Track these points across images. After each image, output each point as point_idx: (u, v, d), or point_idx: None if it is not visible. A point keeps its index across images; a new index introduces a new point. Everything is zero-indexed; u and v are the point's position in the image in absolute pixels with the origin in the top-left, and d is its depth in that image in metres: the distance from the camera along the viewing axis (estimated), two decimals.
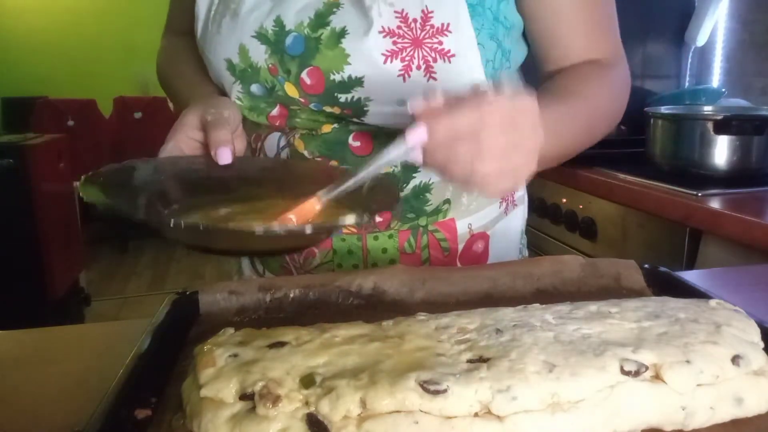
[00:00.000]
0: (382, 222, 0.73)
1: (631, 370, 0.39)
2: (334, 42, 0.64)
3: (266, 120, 0.73)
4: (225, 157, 0.60)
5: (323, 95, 0.67)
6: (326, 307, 0.58)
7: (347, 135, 0.70)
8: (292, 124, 0.72)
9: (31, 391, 0.50)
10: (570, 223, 1.55)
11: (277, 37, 0.66)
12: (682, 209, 1.19)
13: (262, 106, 0.72)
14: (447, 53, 0.64)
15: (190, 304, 0.57)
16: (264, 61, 0.68)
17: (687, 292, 0.56)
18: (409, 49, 0.63)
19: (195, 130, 0.63)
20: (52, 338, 0.63)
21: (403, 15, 0.63)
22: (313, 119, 0.70)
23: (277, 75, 0.68)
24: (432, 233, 0.75)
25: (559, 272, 0.62)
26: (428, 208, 0.73)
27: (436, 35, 0.63)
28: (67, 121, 3.89)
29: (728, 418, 0.41)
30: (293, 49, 0.66)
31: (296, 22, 0.65)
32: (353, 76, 0.64)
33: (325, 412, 0.36)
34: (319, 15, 0.65)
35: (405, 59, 0.63)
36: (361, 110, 0.67)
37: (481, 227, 0.77)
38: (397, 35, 0.63)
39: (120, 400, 0.40)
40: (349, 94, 0.66)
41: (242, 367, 0.39)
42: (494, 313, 0.47)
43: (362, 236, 0.74)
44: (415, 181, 0.71)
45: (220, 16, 0.70)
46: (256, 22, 0.67)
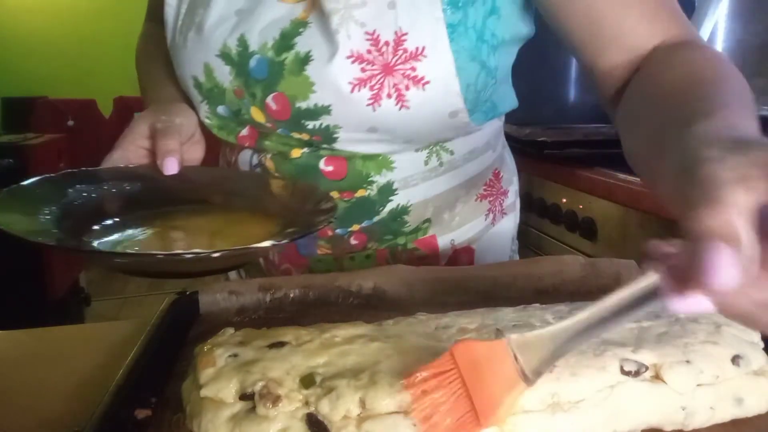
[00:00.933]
0: (358, 244, 0.70)
1: (631, 370, 0.39)
2: (298, 68, 0.59)
3: (236, 140, 0.69)
4: (171, 167, 0.57)
5: (290, 122, 0.63)
6: (326, 307, 0.58)
7: (318, 159, 0.66)
8: (261, 146, 0.68)
9: (31, 391, 0.50)
10: (570, 223, 1.55)
11: (241, 58, 0.62)
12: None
13: (232, 125, 0.68)
14: (421, 80, 0.58)
15: (190, 304, 0.57)
16: (229, 82, 0.63)
17: None
18: (379, 77, 0.57)
19: (144, 138, 0.61)
20: (52, 338, 0.64)
21: (374, 37, 0.57)
22: (283, 142, 0.66)
23: (242, 98, 0.64)
24: (411, 251, 0.71)
25: (559, 272, 0.62)
26: (407, 229, 0.70)
27: (410, 60, 0.57)
28: (67, 121, 3.89)
29: (728, 418, 0.41)
30: (257, 72, 0.61)
31: (260, 42, 0.60)
32: (319, 104, 0.60)
33: (325, 412, 0.36)
34: (285, 35, 0.59)
35: (374, 87, 0.58)
36: (330, 137, 0.63)
37: (465, 242, 0.74)
38: (366, 61, 0.57)
39: (120, 400, 0.40)
40: (317, 121, 0.61)
41: (242, 367, 0.39)
42: (494, 313, 0.47)
43: (338, 257, 0.71)
44: (391, 204, 0.68)
45: (186, 28, 0.65)
46: (220, 40, 0.62)
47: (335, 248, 0.71)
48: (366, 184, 0.66)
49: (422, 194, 0.69)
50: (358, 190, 0.67)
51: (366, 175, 0.66)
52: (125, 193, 0.58)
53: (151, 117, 0.62)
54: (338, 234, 0.69)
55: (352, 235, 0.70)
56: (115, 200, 0.57)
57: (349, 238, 0.70)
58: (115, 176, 0.58)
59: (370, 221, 0.69)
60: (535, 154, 1.64)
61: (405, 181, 0.67)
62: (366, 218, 0.68)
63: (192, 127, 0.65)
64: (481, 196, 0.75)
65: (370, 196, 0.67)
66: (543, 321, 0.45)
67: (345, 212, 0.68)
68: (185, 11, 0.66)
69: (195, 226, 0.57)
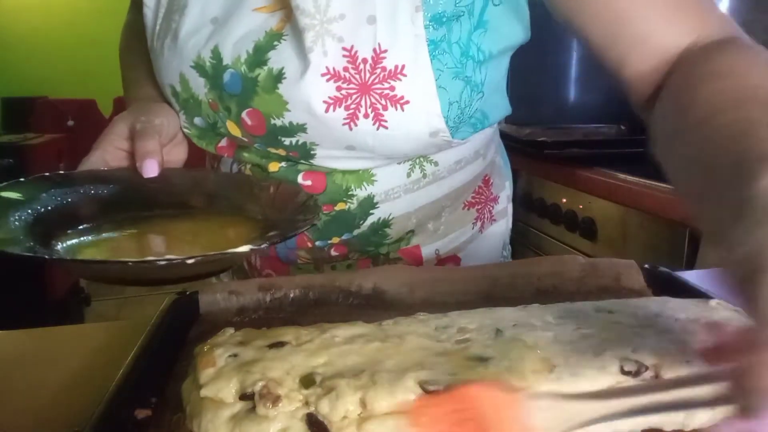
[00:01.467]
0: (339, 255, 0.69)
1: (631, 370, 0.39)
2: (271, 86, 0.57)
3: (215, 150, 0.68)
4: (150, 169, 0.55)
5: (266, 137, 0.61)
6: (326, 307, 0.58)
7: (296, 174, 0.64)
8: (240, 158, 0.67)
9: (31, 391, 0.50)
10: (570, 223, 1.55)
11: (215, 71, 0.59)
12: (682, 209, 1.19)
13: (210, 135, 0.67)
14: (399, 100, 0.55)
15: (190, 304, 0.57)
16: (204, 95, 0.61)
17: (687, 292, 0.56)
18: (355, 96, 0.55)
19: (123, 139, 0.59)
20: (52, 338, 0.63)
21: (352, 53, 0.54)
22: (261, 156, 0.65)
23: (218, 111, 0.62)
24: (394, 261, 0.70)
25: (559, 272, 0.62)
26: (388, 241, 0.69)
27: (388, 79, 0.54)
28: (67, 121, 3.89)
29: None
30: (231, 87, 0.59)
31: (233, 56, 0.58)
32: (294, 123, 0.58)
33: (325, 412, 0.36)
34: (258, 49, 0.57)
35: (350, 107, 0.55)
36: (308, 154, 0.61)
37: (450, 251, 0.72)
38: (343, 79, 0.54)
39: (120, 400, 0.40)
40: (293, 138, 0.59)
41: (242, 367, 0.39)
42: (494, 313, 0.47)
43: (319, 266, 0.70)
44: (372, 218, 0.66)
45: (164, 34, 0.63)
46: (194, 50, 0.59)
47: (315, 258, 0.70)
48: (346, 197, 0.65)
49: (405, 207, 0.67)
50: (338, 203, 0.65)
51: (346, 188, 0.64)
52: (102, 197, 0.56)
53: (131, 118, 0.60)
54: (318, 246, 0.68)
55: (332, 247, 0.68)
56: (91, 204, 0.55)
57: (329, 250, 0.69)
58: (91, 179, 0.56)
59: (351, 234, 0.67)
60: (535, 154, 1.64)
61: (386, 194, 0.65)
62: (346, 231, 0.67)
63: (173, 128, 0.63)
64: (469, 204, 0.73)
65: (351, 209, 0.65)
66: (543, 321, 0.45)
67: (325, 225, 0.66)
68: (162, 15, 0.63)
69: (174, 230, 0.55)
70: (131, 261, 0.43)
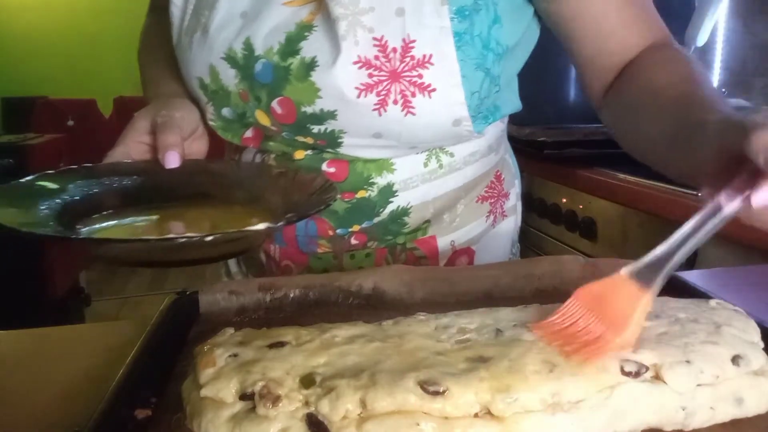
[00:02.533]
0: (358, 243, 0.71)
1: (631, 370, 0.39)
2: (304, 74, 0.59)
3: (240, 141, 0.70)
4: (172, 160, 0.58)
5: (295, 125, 0.63)
6: (326, 307, 0.58)
7: (321, 162, 0.67)
8: (265, 147, 0.69)
9: (31, 391, 0.50)
10: (570, 223, 1.55)
11: (246, 62, 0.61)
12: (682, 209, 1.19)
13: (236, 126, 0.69)
14: (427, 87, 0.58)
15: (190, 304, 0.57)
16: (234, 85, 0.63)
17: (687, 292, 0.56)
18: (386, 83, 0.58)
19: (145, 134, 0.61)
20: (52, 338, 0.64)
21: (382, 43, 0.57)
22: (287, 144, 0.67)
23: (248, 101, 0.64)
24: (411, 251, 0.72)
25: (559, 272, 0.62)
26: (406, 230, 0.71)
27: (416, 68, 0.58)
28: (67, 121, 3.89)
29: (728, 419, 0.41)
30: (262, 76, 0.61)
31: (265, 47, 0.60)
32: (325, 110, 0.60)
33: (325, 412, 0.36)
34: (290, 40, 0.59)
35: (381, 93, 0.58)
36: (335, 142, 0.63)
37: (465, 243, 0.74)
38: (374, 66, 0.57)
39: (120, 400, 0.40)
40: (322, 126, 0.62)
41: (242, 367, 0.39)
42: (494, 313, 0.47)
43: (338, 255, 0.72)
44: (392, 206, 0.68)
45: (192, 30, 0.65)
46: (225, 43, 0.62)
47: (335, 247, 0.71)
48: (367, 185, 0.67)
49: (422, 196, 0.69)
50: (359, 191, 0.67)
51: (367, 176, 0.67)
52: (125, 188, 0.58)
53: (152, 112, 0.62)
54: (339, 234, 0.70)
55: (352, 236, 0.70)
56: (115, 195, 0.57)
57: (350, 238, 0.70)
58: (115, 172, 0.58)
59: (370, 222, 0.69)
60: (535, 154, 1.64)
61: (405, 183, 0.68)
62: (366, 219, 0.69)
63: (194, 122, 0.65)
64: (482, 198, 0.75)
65: (371, 197, 0.68)
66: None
67: (345, 213, 0.68)
68: (191, 12, 0.66)
69: (194, 217, 0.57)
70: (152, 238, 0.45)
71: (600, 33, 0.63)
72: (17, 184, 0.53)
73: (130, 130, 0.61)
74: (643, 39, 0.62)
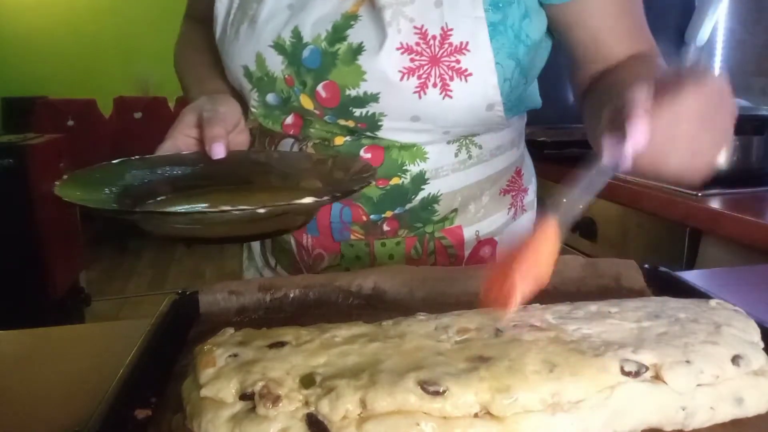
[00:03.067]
0: (390, 230, 0.74)
1: (631, 370, 0.39)
2: (351, 58, 0.64)
3: (281, 128, 0.74)
4: (218, 151, 0.61)
5: (338, 109, 0.67)
6: (326, 307, 0.58)
7: (359, 148, 0.70)
8: (305, 134, 0.73)
9: (31, 391, 0.51)
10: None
11: (294, 48, 0.66)
12: (682, 209, 1.19)
13: (277, 113, 0.73)
14: (464, 72, 0.63)
15: (190, 304, 0.57)
16: (280, 71, 0.68)
17: (687, 292, 0.56)
18: (426, 67, 0.63)
19: (192, 127, 0.65)
20: (52, 338, 0.64)
21: (422, 31, 0.62)
22: (327, 130, 0.71)
23: (293, 86, 0.68)
24: (438, 240, 0.75)
25: (559, 272, 0.61)
26: (435, 218, 0.74)
27: (454, 54, 0.63)
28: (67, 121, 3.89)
29: (728, 418, 0.41)
30: (310, 62, 0.66)
31: (313, 34, 0.65)
32: (369, 92, 0.65)
33: (325, 412, 0.36)
34: (337, 28, 0.64)
35: (422, 77, 0.63)
36: (375, 125, 0.68)
37: (488, 234, 0.77)
38: (415, 52, 0.62)
39: (120, 400, 0.40)
40: (364, 108, 0.66)
41: (242, 367, 0.39)
42: (494, 313, 0.47)
43: (370, 242, 0.75)
44: (423, 193, 0.72)
45: (238, 23, 0.70)
46: (274, 32, 0.67)
47: (368, 234, 0.74)
48: (401, 172, 0.71)
49: (451, 185, 0.73)
50: (392, 177, 0.71)
51: (401, 163, 0.70)
52: (177, 177, 0.62)
53: (198, 108, 0.66)
54: (372, 220, 0.73)
55: (385, 222, 0.73)
56: (168, 183, 0.62)
57: (382, 224, 0.74)
58: (167, 162, 0.63)
59: (403, 208, 0.73)
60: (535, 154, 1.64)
61: (436, 171, 0.72)
62: (399, 205, 0.72)
63: (236, 116, 0.68)
64: (505, 191, 0.79)
65: (404, 184, 0.71)
66: (543, 321, 0.45)
67: (379, 199, 0.72)
68: (237, 6, 0.71)
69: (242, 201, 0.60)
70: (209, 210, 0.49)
71: (594, 41, 0.68)
72: (81, 172, 0.57)
73: (177, 124, 0.65)
74: (630, 50, 0.68)
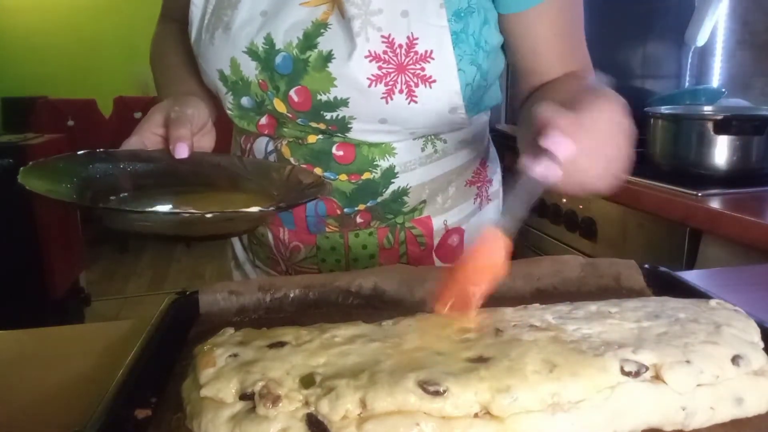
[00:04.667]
0: (363, 222, 0.77)
1: (631, 370, 0.39)
2: (321, 65, 0.66)
3: (255, 128, 0.76)
4: (182, 151, 0.63)
5: (310, 112, 0.70)
6: (326, 307, 0.58)
7: (331, 145, 0.73)
8: (280, 133, 0.75)
9: (31, 391, 0.50)
10: (570, 223, 1.55)
11: (267, 54, 0.68)
12: (682, 209, 1.19)
13: (252, 115, 0.75)
14: (428, 79, 0.66)
15: (190, 304, 0.57)
16: (254, 76, 0.70)
17: (687, 292, 0.56)
18: (393, 74, 0.65)
19: (159, 126, 0.67)
20: (52, 338, 0.64)
21: (389, 40, 0.65)
22: (300, 130, 0.73)
23: (266, 90, 0.70)
24: (409, 230, 0.79)
25: (559, 272, 0.62)
26: (406, 209, 0.78)
27: (420, 62, 0.65)
28: (67, 121, 3.89)
29: (728, 418, 0.41)
30: (282, 68, 0.68)
31: (285, 41, 0.67)
32: (339, 98, 0.67)
33: (325, 412, 0.36)
34: (308, 36, 0.66)
35: (389, 83, 0.66)
36: (345, 127, 0.70)
37: (456, 222, 0.81)
38: (383, 60, 0.65)
39: (120, 400, 0.40)
40: (334, 112, 0.69)
41: (242, 367, 0.39)
42: (494, 313, 0.47)
43: (344, 234, 0.78)
44: (393, 186, 0.75)
45: (213, 27, 0.71)
46: (247, 38, 0.68)
47: (342, 226, 0.78)
48: (371, 167, 0.74)
49: (419, 178, 0.76)
50: (364, 173, 0.74)
51: (371, 159, 0.74)
52: (140, 173, 0.64)
53: (166, 108, 0.68)
54: (346, 213, 0.77)
55: (357, 214, 0.77)
56: (130, 178, 0.63)
57: (355, 217, 0.77)
58: (131, 158, 0.64)
59: (374, 201, 0.76)
60: None
61: (405, 165, 0.75)
62: (371, 198, 0.76)
63: (203, 118, 0.70)
64: (470, 182, 0.83)
65: (375, 178, 0.74)
66: (543, 321, 0.45)
67: (352, 193, 0.75)
68: (211, 11, 0.73)
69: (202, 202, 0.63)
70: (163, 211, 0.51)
71: (534, 53, 0.72)
72: (44, 161, 0.58)
73: (145, 122, 0.67)
74: (567, 67, 0.72)
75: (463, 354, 0.41)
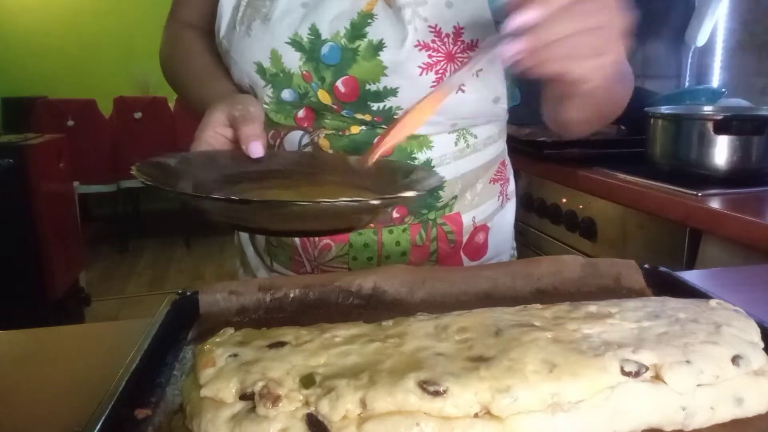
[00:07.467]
0: (398, 217, 0.77)
1: (631, 370, 0.39)
2: (372, 54, 0.66)
3: (293, 121, 0.75)
4: (257, 150, 0.61)
5: (356, 103, 0.69)
6: (326, 307, 0.58)
7: (374, 137, 0.72)
8: (319, 125, 0.74)
9: (31, 391, 0.50)
10: (570, 223, 1.55)
11: (313, 45, 0.68)
12: (682, 209, 1.19)
13: (289, 108, 0.74)
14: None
15: (190, 304, 0.57)
16: (298, 67, 0.69)
17: (687, 292, 0.56)
18: (443, 63, 0.66)
19: (223, 126, 0.65)
20: (52, 338, 0.63)
21: (436, 30, 0.66)
22: (342, 121, 0.73)
23: (311, 82, 0.70)
24: (440, 226, 0.79)
25: (559, 272, 0.62)
26: (439, 204, 0.78)
27: (467, 50, 0.67)
28: (67, 121, 3.88)
29: (728, 419, 0.41)
30: (329, 58, 0.68)
31: (332, 31, 0.67)
32: (388, 87, 0.67)
33: (324, 412, 0.36)
34: (355, 26, 0.67)
35: (439, 72, 0.66)
36: (391, 118, 0.70)
37: (482, 220, 0.82)
38: (432, 49, 0.66)
39: (120, 400, 0.40)
40: (382, 102, 0.69)
41: (242, 367, 0.39)
42: (494, 313, 0.47)
43: (378, 230, 0.77)
44: None
45: (249, 19, 0.71)
46: (290, 29, 0.68)
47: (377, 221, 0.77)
48: (410, 160, 0.74)
49: (453, 172, 0.77)
50: None
51: (410, 152, 0.74)
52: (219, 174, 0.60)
53: (226, 107, 0.65)
54: None
55: (395, 208, 0.77)
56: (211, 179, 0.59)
57: (392, 211, 0.77)
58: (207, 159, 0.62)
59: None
60: (535, 154, 1.64)
61: (440, 159, 0.75)
62: None
63: (263, 116, 0.68)
64: (494, 180, 0.84)
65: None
66: (543, 321, 0.45)
67: None
68: (246, 2, 0.72)
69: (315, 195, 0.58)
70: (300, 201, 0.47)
71: None
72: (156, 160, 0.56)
73: (207, 123, 0.64)
74: None
75: (463, 354, 0.41)
